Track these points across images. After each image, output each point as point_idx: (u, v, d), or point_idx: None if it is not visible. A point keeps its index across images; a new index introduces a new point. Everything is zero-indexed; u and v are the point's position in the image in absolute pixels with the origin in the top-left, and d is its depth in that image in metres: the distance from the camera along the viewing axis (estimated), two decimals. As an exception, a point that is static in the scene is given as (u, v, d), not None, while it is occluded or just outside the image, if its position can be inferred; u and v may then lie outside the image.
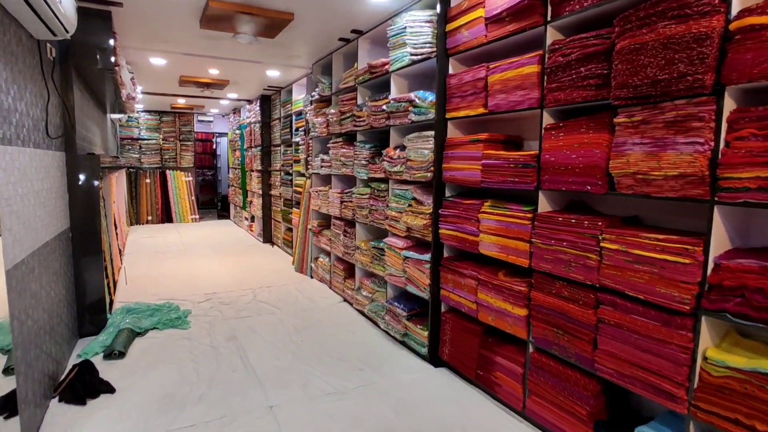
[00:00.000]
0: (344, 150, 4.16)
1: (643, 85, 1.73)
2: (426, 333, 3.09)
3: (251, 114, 7.90)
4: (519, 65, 2.33)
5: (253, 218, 8.31)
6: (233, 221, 10.15)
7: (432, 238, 2.98)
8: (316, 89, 4.84)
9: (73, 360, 3.04)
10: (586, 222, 2.01)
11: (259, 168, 7.51)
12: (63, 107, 3.20)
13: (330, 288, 4.74)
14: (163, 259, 6.18)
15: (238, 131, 9.20)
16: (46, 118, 2.68)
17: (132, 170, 9.51)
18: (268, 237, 7.50)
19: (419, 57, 3.03)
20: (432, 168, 2.93)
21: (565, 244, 2.09)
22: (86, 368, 2.79)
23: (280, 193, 6.84)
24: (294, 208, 6.22)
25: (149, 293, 4.56)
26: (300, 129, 5.77)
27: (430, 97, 2.97)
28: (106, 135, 5.62)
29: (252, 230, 8.28)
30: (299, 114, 5.89)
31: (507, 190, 2.59)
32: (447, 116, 2.90)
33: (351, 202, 4.09)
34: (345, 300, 4.40)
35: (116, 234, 5.41)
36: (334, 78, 4.47)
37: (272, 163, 7.30)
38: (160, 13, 3.56)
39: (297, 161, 6.05)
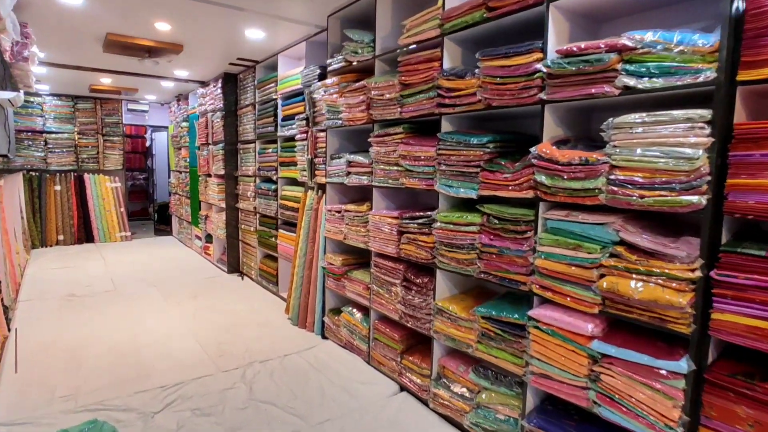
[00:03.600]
0: (410, 147, 2.51)
1: None
2: None
3: (207, 100, 5.92)
4: None
5: (210, 238, 6.31)
6: (178, 239, 7.98)
7: (695, 328, 1.45)
8: (338, 55, 3.14)
9: None
10: None
11: (221, 172, 5.57)
12: None
13: (368, 362, 3.05)
14: (80, 311, 4.10)
15: (184, 124, 7.11)
16: None
17: (34, 174, 7.07)
18: (235, 265, 5.58)
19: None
20: (704, 186, 1.40)
21: None
22: None
23: (255, 207, 4.98)
24: (281, 230, 4.42)
25: (57, 396, 2.61)
26: (294, 117, 4.01)
27: (702, 39, 1.43)
28: (-19, 121, 3.50)
29: (209, 254, 6.28)
30: (292, 97, 4.12)
31: None
32: (741, 78, 1.37)
33: (426, 235, 2.45)
34: (405, 389, 2.74)
35: (-1, 282, 3.33)
36: (379, 33, 2.79)
37: (241, 166, 5.40)
38: None
39: (287, 164, 4.27)
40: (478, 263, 2.16)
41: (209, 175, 6.09)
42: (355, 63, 2.97)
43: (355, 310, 3.20)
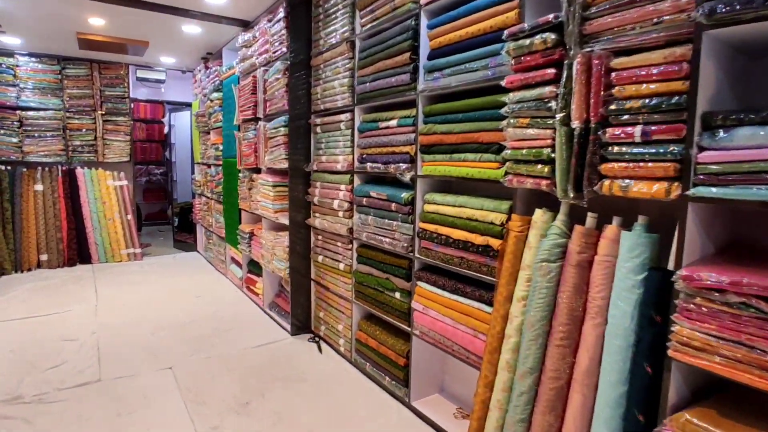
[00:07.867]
0: None
1: None
2: None
3: (257, 48, 3.70)
4: None
5: (256, 266, 4.12)
6: (204, 257, 5.83)
7: None
8: None
9: None
10: None
11: (280, 165, 3.35)
12: None
13: None
14: (20, 458, 1.94)
15: (215, 95, 4.91)
16: None
17: (4, 168, 4.99)
18: (303, 320, 3.36)
19: None
20: None
21: None
22: None
23: (352, 229, 2.74)
24: (423, 285, 2.17)
25: None
26: (485, 41, 1.75)
27: None
28: None
29: (254, 292, 4.08)
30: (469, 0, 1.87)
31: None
32: None
33: None
34: None
35: None
36: None
37: (319, 155, 3.16)
38: None
39: (446, 148, 2.01)
40: None
41: (257, 170, 3.88)
42: None
43: None
